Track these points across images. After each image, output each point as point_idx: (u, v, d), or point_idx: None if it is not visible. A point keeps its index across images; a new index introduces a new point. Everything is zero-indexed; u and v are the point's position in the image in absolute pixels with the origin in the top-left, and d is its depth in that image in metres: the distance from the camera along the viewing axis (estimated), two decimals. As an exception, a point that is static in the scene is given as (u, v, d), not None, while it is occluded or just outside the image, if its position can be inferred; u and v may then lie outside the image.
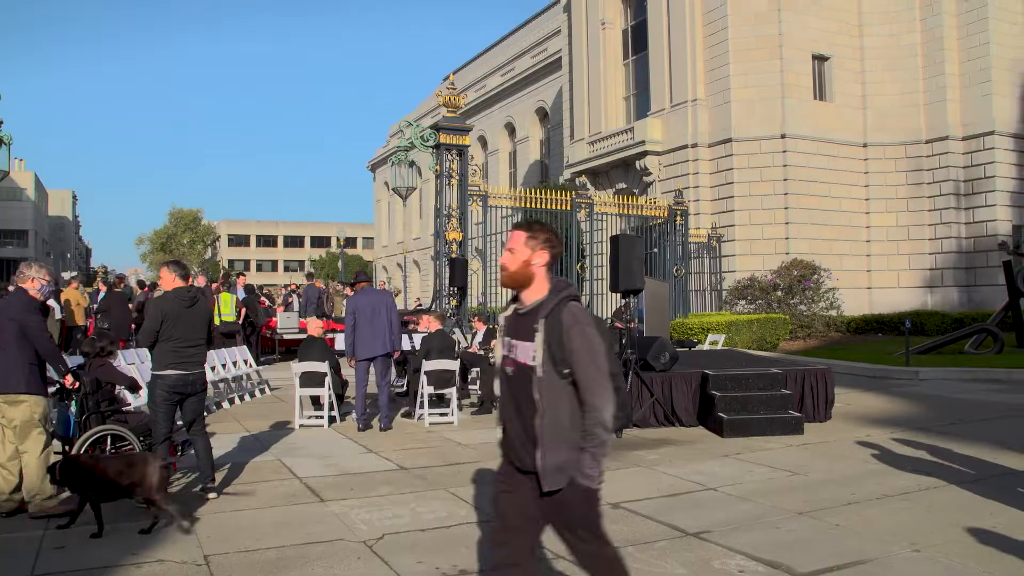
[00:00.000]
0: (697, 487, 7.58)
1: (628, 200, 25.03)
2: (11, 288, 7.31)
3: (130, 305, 19.29)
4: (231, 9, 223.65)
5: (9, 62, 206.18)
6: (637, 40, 32.61)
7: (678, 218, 25.64)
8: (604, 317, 22.11)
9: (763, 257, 26.64)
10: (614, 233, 19.64)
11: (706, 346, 18.17)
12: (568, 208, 23.04)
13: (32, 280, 7.06)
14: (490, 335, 13.94)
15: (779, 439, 9.91)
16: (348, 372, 11.82)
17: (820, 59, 28.55)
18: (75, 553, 5.79)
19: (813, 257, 25.57)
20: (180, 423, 7.50)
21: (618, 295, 13.80)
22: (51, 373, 7.19)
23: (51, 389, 7.16)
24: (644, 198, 26.65)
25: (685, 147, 28.87)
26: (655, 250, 25.15)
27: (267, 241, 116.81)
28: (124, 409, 8.36)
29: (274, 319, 20.43)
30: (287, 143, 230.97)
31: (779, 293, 24.76)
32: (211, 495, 7.23)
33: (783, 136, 27.29)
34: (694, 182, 28.42)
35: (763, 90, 27.58)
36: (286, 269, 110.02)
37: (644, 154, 30.11)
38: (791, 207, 27.13)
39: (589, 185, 32.24)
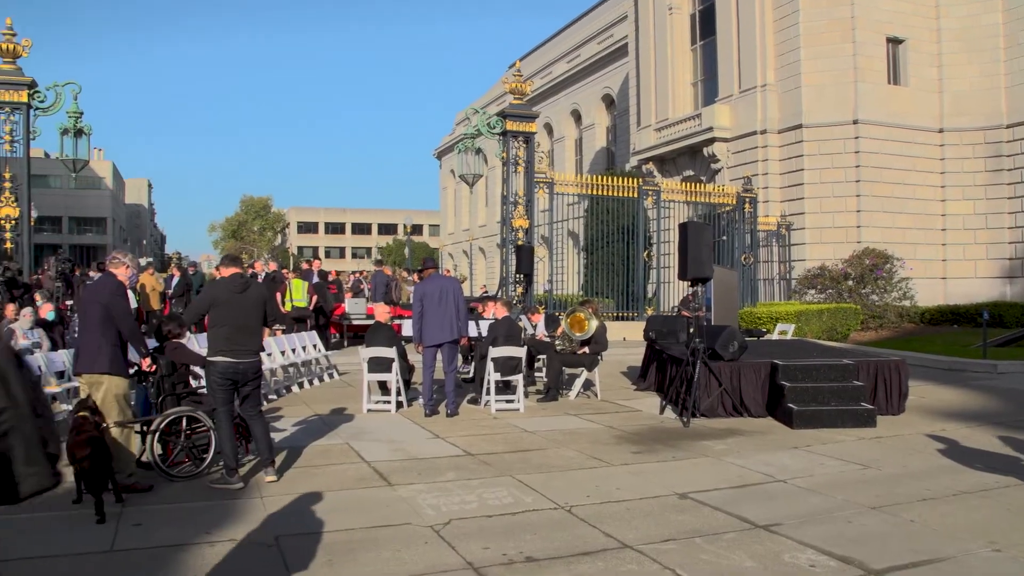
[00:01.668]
0: (766, 479, 7.47)
1: (695, 187, 24.73)
2: (92, 273, 7.53)
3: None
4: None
5: (88, 54, 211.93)
6: (705, 25, 32.14)
7: (747, 205, 25.28)
8: (671, 305, 21.97)
9: (834, 246, 26.11)
10: (681, 221, 19.44)
11: (775, 336, 17.89)
12: (635, 195, 22.87)
13: (125, 267, 7.34)
14: (551, 322, 13.91)
15: (850, 431, 9.71)
16: (415, 358, 11.90)
17: (894, 42, 27.78)
18: (151, 530, 5.95)
19: (886, 246, 24.96)
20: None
21: (686, 283, 13.68)
22: (132, 355, 7.40)
23: (131, 371, 7.35)
24: (712, 185, 26.30)
25: (754, 133, 28.41)
26: (723, 238, 24.83)
27: (335, 228, 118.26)
28: (198, 391, 8.53)
29: (342, 305, 20.67)
30: (355, 131, 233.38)
31: (850, 282, 24.25)
32: (269, 477, 7.35)
33: (855, 122, 26.66)
34: (763, 169, 27.96)
35: (835, 74, 26.95)
36: (354, 256, 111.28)
37: (712, 141, 29.73)
38: (863, 194, 26.53)
39: (656, 172, 31.96)
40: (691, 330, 11.25)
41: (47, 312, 13.67)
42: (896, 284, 24.17)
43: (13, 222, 16.65)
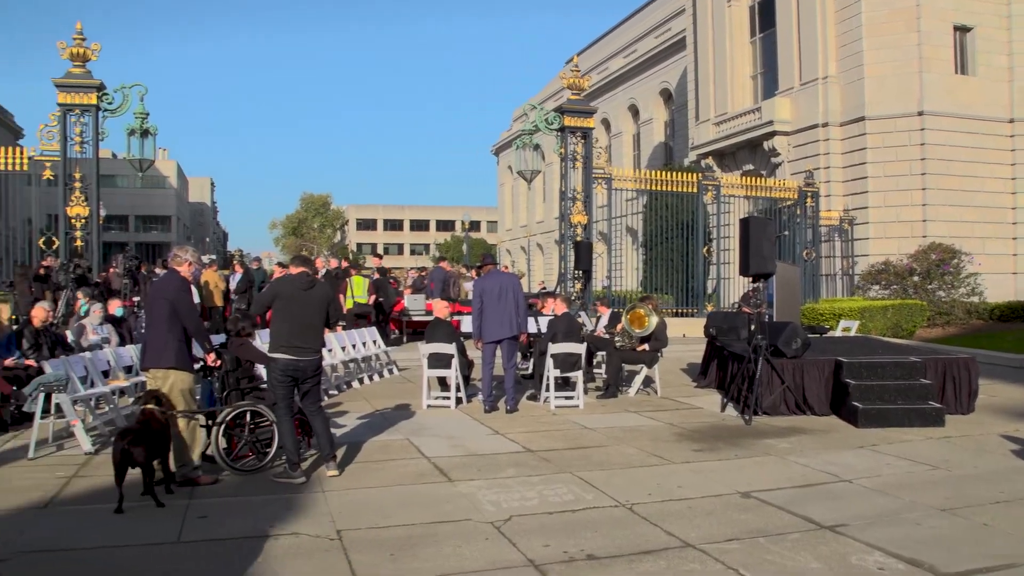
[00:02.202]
0: (831, 478, 7.33)
1: (756, 182, 24.40)
2: (158, 270, 7.69)
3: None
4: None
5: (153, 56, 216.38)
6: (764, 17, 31.64)
7: (808, 200, 24.85)
8: (732, 302, 21.72)
9: (898, 240, 25.54)
10: (741, 216, 19.18)
11: (838, 332, 17.56)
12: (694, 190, 22.63)
13: (188, 264, 7.50)
14: (615, 318, 13.83)
15: (918, 431, 9.49)
16: (474, 354, 11.94)
17: (962, 30, 27.02)
18: (217, 522, 6.05)
19: (953, 240, 24.33)
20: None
21: (747, 279, 13.49)
22: (197, 351, 7.53)
23: (196, 366, 7.49)
24: (772, 179, 25.93)
25: (815, 126, 27.89)
26: (785, 233, 24.44)
27: (393, 225, 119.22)
28: (262, 386, 8.66)
29: (402, 301, 20.80)
30: (413, 128, 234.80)
31: (916, 278, 23.70)
32: (331, 472, 7.43)
33: (921, 113, 26.01)
34: (825, 163, 27.44)
35: (899, 65, 26.30)
36: (412, 252, 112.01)
37: (772, 134, 29.29)
38: (929, 188, 25.90)
39: (715, 167, 31.58)
40: (752, 327, 11.09)
41: (116, 308, 13.98)
42: (964, 279, 23.55)
43: (83, 221, 17.07)
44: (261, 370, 8.89)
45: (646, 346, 12.55)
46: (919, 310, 21.99)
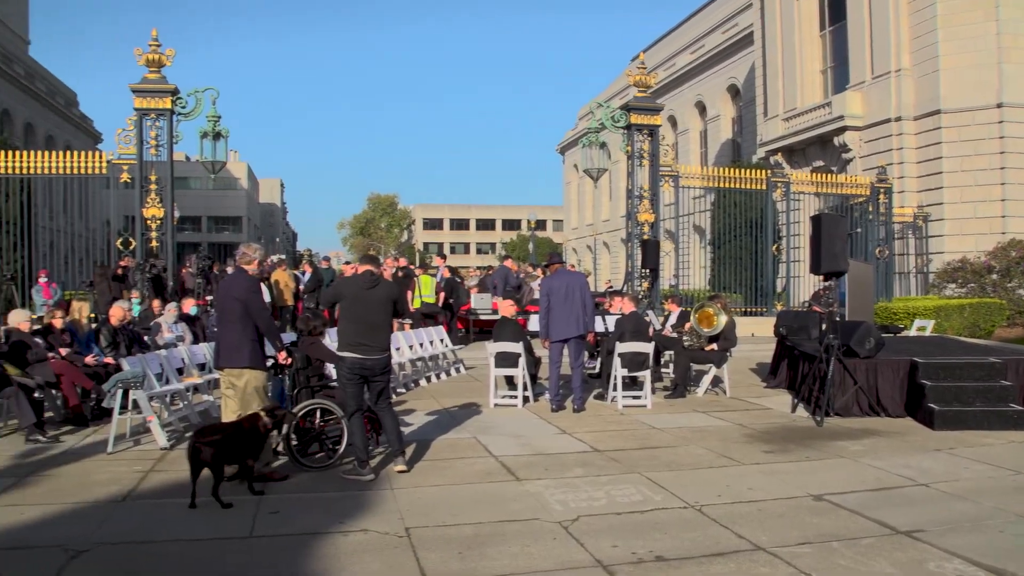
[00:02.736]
0: (907, 482, 7.15)
1: (826, 178, 23.91)
2: (230, 269, 7.83)
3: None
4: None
5: (225, 61, 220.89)
6: (834, 9, 31.02)
7: (881, 196, 24.27)
8: (802, 300, 21.35)
9: (976, 237, 24.81)
10: (811, 213, 18.81)
11: (912, 332, 17.14)
12: (763, 187, 22.27)
13: (255, 263, 7.61)
14: (683, 317, 13.70)
15: (998, 434, 9.20)
16: (541, 352, 11.92)
17: (1043, 18, 26.11)
18: (288, 518, 6.14)
19: (1034, 237, 23.57)
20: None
21: (818, 278, 13.24)
22: (268, 348, 7.65)
23: (267, 363, 7.61)
24: (843, 176, 25.36)
25: (888, 121, 27.27)
26: (858, 230, 23.93)
27: (460, 224, 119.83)
28: (332, 384, 8.77)
29: (468, 300, 20.86)
30: (479, 128, 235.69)
31: (994, 276, 23.02)
32: (400, 467, 7.48)
33: (1000, 105, 25.22)
34: (898, 158, 26.80)
35: (976, 56, 25.51)
36: (478, 251, 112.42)
37: (843, 129, 28.73)
38: (1009, 182, 25.09)
39: (784, 163, 31.10)
40: (824, 326, 10.88)
41: (190, 307, 14.29)
42: (1046, 277, 22.79)
43: (158, 222, 17.47)
44: (331, 368, 9.00)
45: (715, 345, 12.40)
46: (998, 309, 21.36)
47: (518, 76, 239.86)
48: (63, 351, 10.38)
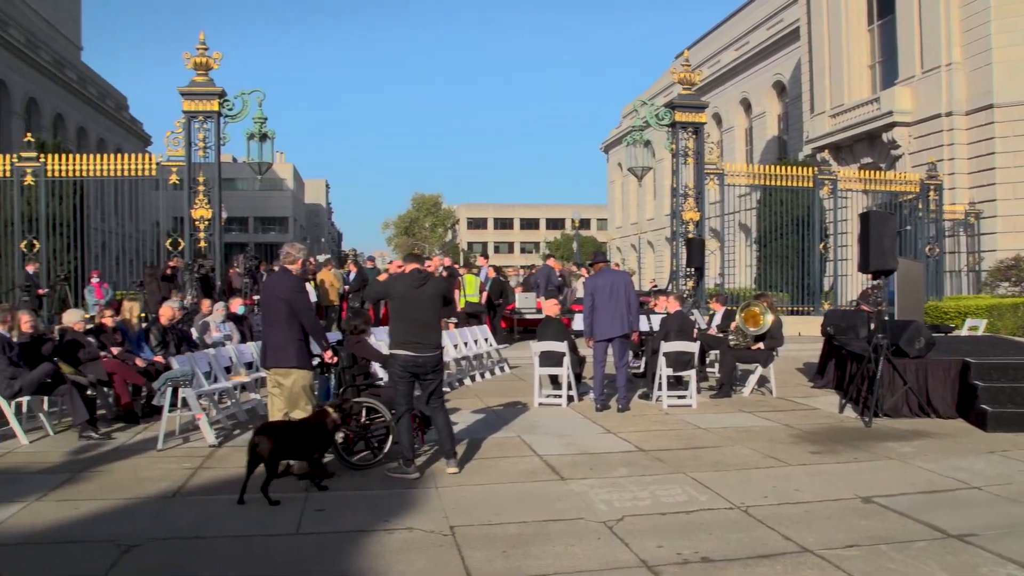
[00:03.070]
0: (959, 484, 7.02)
1: (875, 175, 23.55)
2: (276, 268, 7.91)
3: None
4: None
5: (271, 63, 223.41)
6: (883, 3, 30.48)
7: (931, 193, 23.83)
8: (850, 299, 21.05)
9: (1030, 234, 24.29)
10: (859, 211, 18.53)
11: (964, 332, 16.84)
12: (810, 185, 21.98)
13: (299, 263, 7.68)
14: (729, 317, 13.58)
15: (1054, 436, 9.01)
16: (586, 352, 11.90)
17: (1101, 9, 25.45)
18: (334, 515, 6.20)
19: (1092, 234, 23.01)
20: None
21: (866, 276, 13.05)
22: (314, 347, 7.72)
23: (313, 362, 7.68)
24: (892, 172, 24.96)
25: (938, 116, 26.77)
26: (907, 228, 23.53)
27: (504, 224, 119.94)
28: (378, 383, 8.83)
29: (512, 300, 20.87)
30: (522, 127, 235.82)
31: (1051, 274, 22.54)
32: (451, 468, 7.50)
33: (1056, 99, 24.65)
34: (948, 154, 26.31)
35: (1031, 49, 24.96)
36: (522, 251, 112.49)
37: (892, 125, 28.28)
38: (1065, 178, 24.52)
39: (831, 160, 30.70)
40: (872, 325, 10.71)
41: (237, 307, 14.47)
42: (1104, 275, 22.26)
43: (206, 223, 17.71)
44: (376, 367, 9.07)
45: (761, 344, 12.28)
46: (1053, 308, 20.87)
47: (562, 75, 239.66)
48: (115, 350, 10.58)
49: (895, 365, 10.29)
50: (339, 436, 7.74)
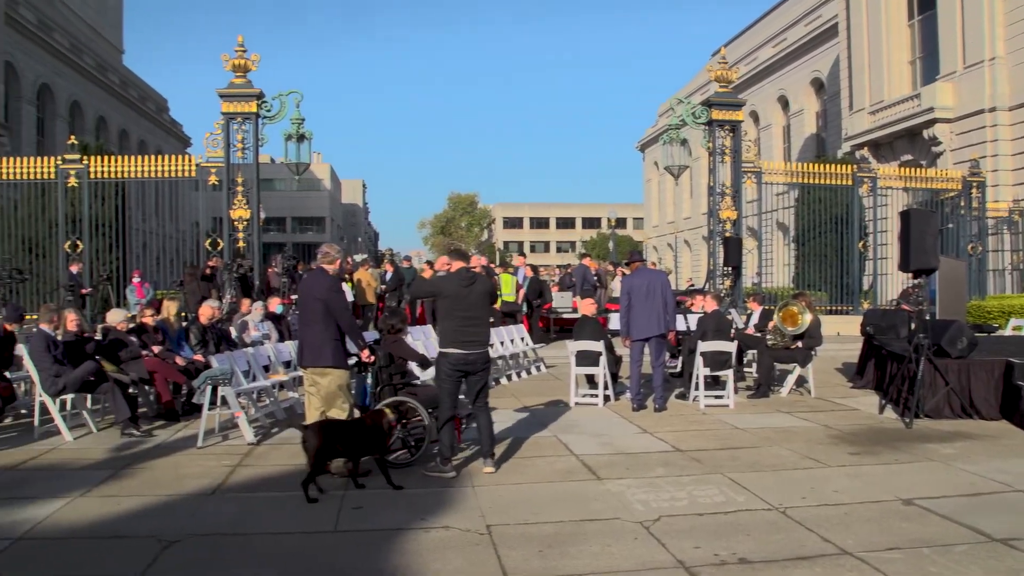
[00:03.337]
0: (1002, 487, 6.89)
1: (915, 172, 23.21)
2: (314, 267, 7.97)
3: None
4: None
5: (308, 65, 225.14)
6: (923, -3, 30.14)
7: (974, 190, 23.41)
8: (890, 299, 20.80)
9: (1077, 233, 23.82)
10: (900, 209, 18.28)
11: (1008, 331, 16.56)
12: (849, 183, 21.72)
13: (337, 263, 7.74)
14: (766, 316, 13.47)
15: (1101, 437, 8.84)
16: (622, 351, 11.86)
17: None
18: (371, 513, 6.24)
19: None
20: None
21: (907, 275, 12.89)
22: (350, 346, 7.77)
23: (350, 361, 7.73)
24: (933, 170, 24.59)
25: (981, 112, 26.36)
26: (949, 226, 23.17)
27: (540, 223, 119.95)
28: (414, 382, 8.87)
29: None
30: (557, 127, 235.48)
31: (1097, 273, 22.08)
32: (488, 468, 7.51)
33: (1103, 94, 24.16)
34: (992, 150, 25.87)
35: (1078, 42, 24.48)
36: (558, 250, 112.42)
37: (932, 122, 27.88)
38: (1114, 175, 24.03)
39: (870, 158, 30.30)
40: (913, 325, 10.57)
41: (275, 306, 14.61)
42: None
43: (245, 223, 17.88)
44: (413, 366, 9.11)
45: (799, 344, 12.17)
46: (1100, 307, 20.46)
47: (598, 74, 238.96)
48: (156, 349, 10.73)
49: (937, 365, 10.14)
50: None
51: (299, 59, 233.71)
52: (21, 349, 10.26)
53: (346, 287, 16.73)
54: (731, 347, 11.21)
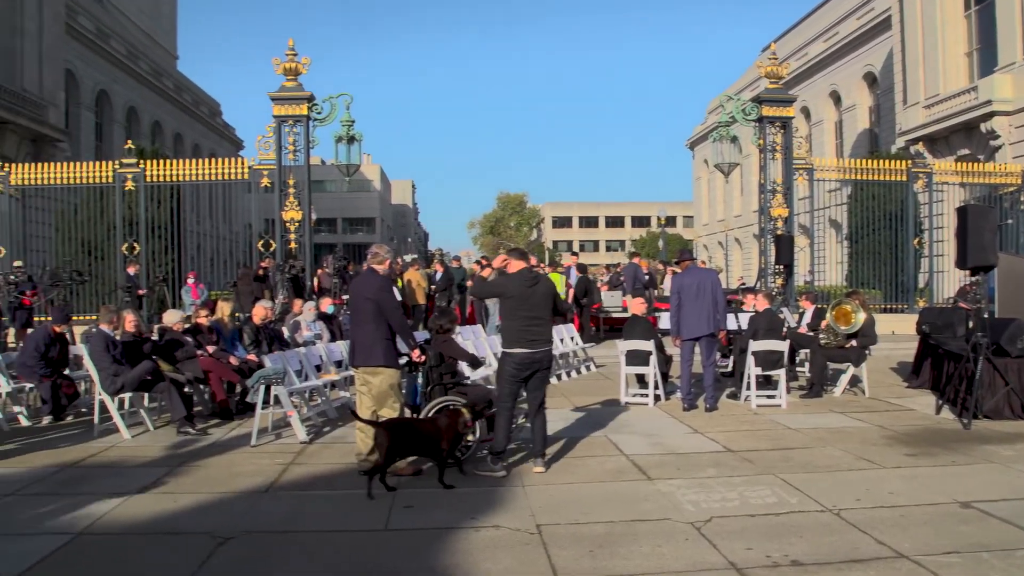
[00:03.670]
0: (1065, 489, 6.73)
1: (972, 167, 22.73)
2: (365, 267, 8.04)
3: (469, 283, 20.42)
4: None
5: (358, 67, 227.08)
6: (981, -13, 29.51)
7: (1034, 185, 22.90)
8: (947, 296, 20.40)
9: None
10: (956, 204, 17.91)
11: (1071, 329, 16.16)
12: (903, 178, 21.35)
13: (387, 263, 7.81)
14: (819, 315, 13.30)
15: None
16: (672, 351, 11.79)
17: None
18: (422, 512, 6.28)
19: None
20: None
21: (964, 272, 12.63)
22: (401, 345, 7.82)
23: (401, 361, 7.79)
24: (991, 164, 24.07)
25: (1042, 104, 25.75)
26: (1008, 221, 22.64)
27: (589, 222, 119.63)
28: (465, 381, 8.90)
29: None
30: (607, 125, 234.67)
31: None
32: (538, 468, 7.52)
33: None
34: (1053, 143, 25.25)
35: None
36: (608, 249, 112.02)
37: (990, 115, 27.28)
38: None
39: (925, 153, 29.74)
40: (971, 323, 10.36)
41: (327, 306, 14.76)
42: None
43: (297, 224, 18.11)
44: (463, 366, 9.14)
45: (854, 343, 11.99)
46: None
47: (645, 71, 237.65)
48: (210, 348, 10.91)
49: (995, 365, 9.92)
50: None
51: (349, 61, 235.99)
52: (81, 349, 10.52)
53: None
54: (783, 346, 11.09)
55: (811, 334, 12.90)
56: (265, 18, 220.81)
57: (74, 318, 14.50)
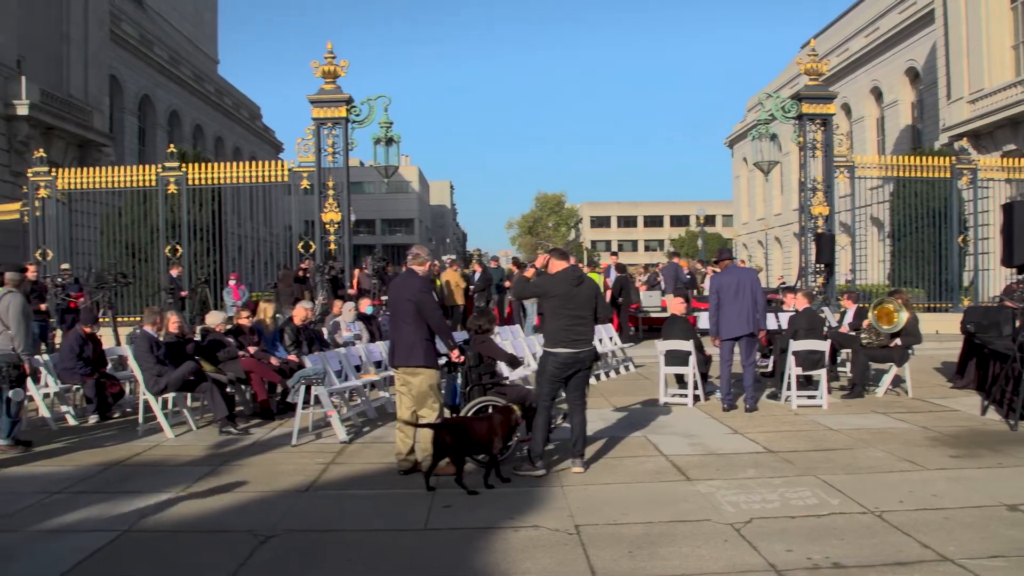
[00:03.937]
0: (1114, 491, 6.60)
1: (1019, 163, 22.33)
2: (404, 268, 8.09)
3: (507, 284, 20.47)
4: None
5: (397, 70, 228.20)
6: (1028, -21, 28.98)
7: (1084, 181, 22.44)
8: (992, 295, 20.07)
9: None
10: (1003, 201, 17.61)
11: (1121, 328, 15.83)
12: (947, 175, 21.01)
13: (427, 264, 7.86)
14: (861, 314, 13.15)
15: None
16: (712, 351, 11.72)
17: None
18: (460, 512, 6.31)
19: None
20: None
21: (1010, 271, 12.42)
22: (440, 346, 7.86)
23: (440, 361, 7.83)
24: (1039, 160, 23.63)
25: (1092, 98, 25.22)
26: (1055, 219, 22.17)
27: (627, 222, 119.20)
28: (503, 382, 8.92)
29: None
30: (645, 124, 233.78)
31: None
32: (576, 468, 7.52)
33: None
34: (1105, 139, 24.71)
35: None
36: (646, 249, 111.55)
37: (1038, 109, 26.79)
38: None
39: (970, 149, 29.24)
40: (1017, 322, 10.18)
41: (366, 307, 14.86)
42: None
43: (336, 225, 18.25)
44: (502, 366, 9.16)
45: (897, 342, 11.83)
46: None
47: (684, 70, 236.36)
48: (252, 349, 11.04)
49: (1042, 365, 9.74)
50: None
51: (388, 62, 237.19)
52: (125, 350, 10.69)
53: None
54: (824, 346, 10.98)
55: (853, 334, 12.76)
56: (303, 21, 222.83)
57: (119, 319, 14.75)
